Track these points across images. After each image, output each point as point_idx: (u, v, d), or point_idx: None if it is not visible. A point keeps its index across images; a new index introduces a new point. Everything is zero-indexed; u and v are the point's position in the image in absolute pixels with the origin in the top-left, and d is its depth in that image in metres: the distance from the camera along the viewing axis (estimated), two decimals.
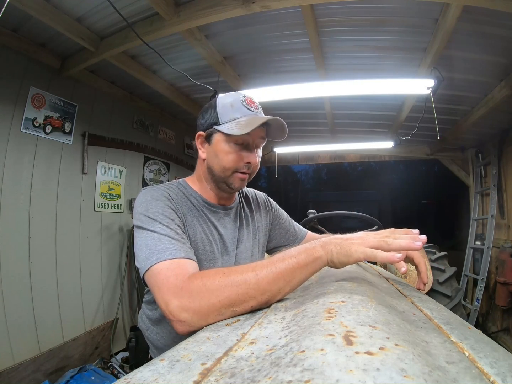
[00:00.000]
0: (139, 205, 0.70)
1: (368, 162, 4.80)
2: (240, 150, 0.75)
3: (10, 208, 1.99)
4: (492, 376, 0.28)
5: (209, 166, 0.78)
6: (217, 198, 0.83)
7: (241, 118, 0.73)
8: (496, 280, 2.90)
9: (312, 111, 3.23)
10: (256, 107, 0.77)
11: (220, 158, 0.75)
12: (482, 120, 2.69)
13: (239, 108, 0.74)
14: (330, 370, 0.24)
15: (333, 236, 0.55)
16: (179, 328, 0.52)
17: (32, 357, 2.01)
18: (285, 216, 1.04)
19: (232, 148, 0.74)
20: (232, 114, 0.73)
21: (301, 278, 0.53)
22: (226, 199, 0.85)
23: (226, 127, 0.73)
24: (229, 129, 0.72)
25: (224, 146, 0.74)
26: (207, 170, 0.79)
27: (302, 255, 0.52)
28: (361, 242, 0.51)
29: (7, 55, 1.97)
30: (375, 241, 0.51)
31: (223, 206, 0.84)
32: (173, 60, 2.15)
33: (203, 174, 0.81)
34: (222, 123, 0.73)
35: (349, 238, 0.53)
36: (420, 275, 0.74)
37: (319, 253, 0.52)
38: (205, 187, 0.82)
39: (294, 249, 0.54)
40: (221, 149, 0.74)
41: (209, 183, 0.81)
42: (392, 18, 1.78)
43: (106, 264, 2.73)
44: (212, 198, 0.82)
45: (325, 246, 0.53)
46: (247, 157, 0.75)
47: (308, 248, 0.53)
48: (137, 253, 0.63)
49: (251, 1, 1.58)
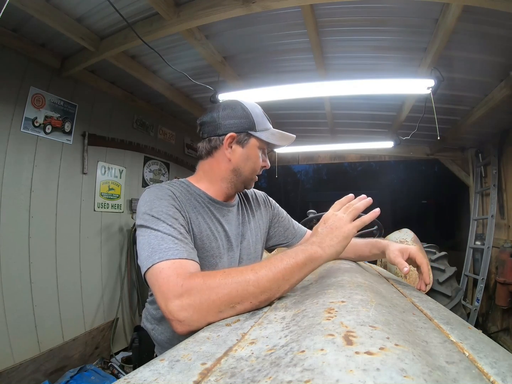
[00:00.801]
0: (143, 204, 0.69)
1: (368, 162, 4.80)
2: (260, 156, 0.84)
3: (10, 208, 1.99)
4: (492, 376, 0.28)
5: (237, 168, 0.81)
6: (225, 197, 0.84)
7: (270, 129, 0.84)
8: (496, 280, 2.90)
9: (312, 111, 3.23)
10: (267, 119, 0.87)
11: (253, 161, 0.82)
12: (482, 120, 2.69)
13: (266, 120, 0.84)
14: (330, 370, 0.24)
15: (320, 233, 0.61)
16: (178, 328, 0.52)
17: (32, 357, 2.01)
18: (284, 214, 1.04)
19: (259, 154, 0.83)
20: (265, 124, 0.83)
21: (300, 277, 0.56)
22: (231, 197, 0.87)
23: (264, 135, 0.81)
24: (268, 138, 0.81)
25: (257, 151, 0.82)
26: (233, 171, 0.81)
27: (300, 255, 0.56)
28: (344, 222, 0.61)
29: (7, 55, 1.96)
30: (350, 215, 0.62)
31: (226, 203, 0.85)
32: (173, 60, 2.15)
33: (222, 174, 0.81)
34: (259, 130, 0.80)
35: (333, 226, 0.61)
36: (423, 276, 0.75)
37: (317, 252, 0.57)
38: (213, 185, 0.82)
39: (291, 250, 0.57)
40: (255, 154, 0.82)
41: (227, 182, 0.82)
42: (392, 18, 1.78)
43: (106, 264, 2.73)
44: (219, 196, 0.83)
45: (322, 244, 0.58)
46: (264, 162, 0.85)
47: (305, 249, 0.57)
48: (139, 252, 0.63)
49: (251, 1, 1.58)
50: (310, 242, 0.59)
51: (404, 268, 0.70)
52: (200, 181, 0.83)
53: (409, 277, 1.78)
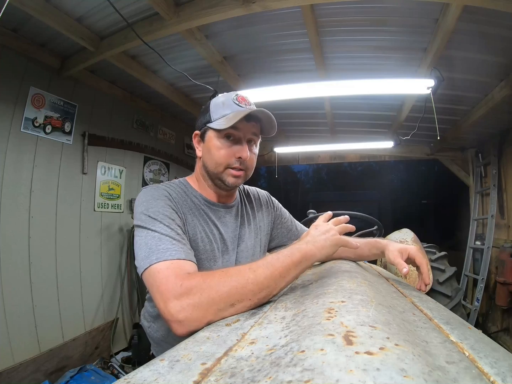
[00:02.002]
0: (140, 204, 0.69)
1: (368, 162, 4.80)
2: (231, 146, 0.76)
3: (10, 208, 1.99)
4: (492, 376, 0.28)
5: (204, 163, 0.80)
6: (217, 196, 0.83)
7: (230, 114, 0.75)
8: (496, 280, 2.90)
9: (312, 111, 3.23)
10: (248, 104, 0.78)
11: (212, 153, 0.77)
12: (482, 120, 2.68)
13: (229, 105, 0.76)
14: (330, 370, 0.24)
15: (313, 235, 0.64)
16: (178, 329, 0.52)
17: (32, 357, 2.01)
18: (287, 215, 1.03)
19: (223, 144, 0.76)
20: (223, 111, 0.76)
21: (296, 274, 0.58)
22: (226, 197, 0.85)
23: (216, 123, 0.75)
24: (218, 125, 0.75)
25: (216, 142, 0.76)
26: (203, 168, 0.81)
27: (295, 253, 0.58)
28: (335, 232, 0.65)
29: (7, 55, 1.96)
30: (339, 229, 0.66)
31: (223, 204, 0.84)
32: (173, 60, 2.15)
33: (200, 172, 0.83)
34: (213, 120, 0.76)
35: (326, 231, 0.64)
36: (422, 276, 0.75)
37: (311, 250, 0.60)
38: (204, 185, 0.83)
39: (286, 249, 0.60)
40: (213, 145, 0.76)
41: (206, 180, 0.82)
42: (392, 18, 1.78)
43: (106, 264, 2.73)
44: (212, 196, 0.82)
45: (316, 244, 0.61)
46: (238, 151, 0.76)
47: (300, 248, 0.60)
48: (137, 252, 0.63)
49: (251, 1, 1.58)
50: (304, 241, 0.62)
51: (403, 268, 0.70)
52: (195, 181, 0.84)
53: (409, 277, 1.78)
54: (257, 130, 0.79)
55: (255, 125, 0.78)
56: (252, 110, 0.74)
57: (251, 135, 0.78)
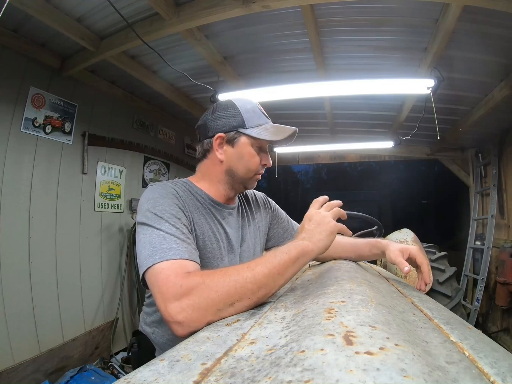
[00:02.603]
0: (146, 201, 0.68)
1: (368, 162, 4.80)
2: (259, 154, 0.80)
3: (10, 208, 1.99)
4: (492, 376, 0.28)
5: (230, 168, 0.79)
6: (225, 198, 0.83)
7: (265, 125, 0.78)
8: (496, 280, 2.90)
9: (312, 111, 3.23)
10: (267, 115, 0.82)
11: (247, 160, 0.78)
12: (482, 120, 2.68)
13: (260, 115, 0.79)
14: (330, 370, 0.24)
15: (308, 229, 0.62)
16: (178, 330, 0.51)
17: (32, 357, 2.00)
18: (283, 215, 1.04)
19: (256, 152, 0.79)
20: (257, 120, 0.78)
21: (294, 271, 0.58)
22: (232, 199, 0.85)
23: (255, 132, 0.76)
24: (259, 134, 0.76)
25: (250, 149, 0.78)
26: (226, 172, 0.79)
27: (292, 250, 0.57)
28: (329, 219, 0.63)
29: (7, 55, 1.96)
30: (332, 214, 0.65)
31: (228, 205, 0.84)
32: (173, 60, 2.15)
33: (218, 175, 0.81)
34: (249, 127, 0.77)
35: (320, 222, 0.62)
36: (423, 276, 0.75)
37: (308, 246, 0.59)
38: (212, 187, 0.81)
39: (283, 247, 0.59)
40: (248, 152, 0.78)
41: (223, 184, 0.81)
42: (392, 18, 1.78)
43: (106, 264, 2.73)
44: (218, 197, 0.82)
45: (312, 239, 0.60)
46: (264, 159, 0.81)
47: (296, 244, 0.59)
48: (140, 250, 0.62)
49: (251, 1, 1.58)
50: (300, 238, 0.61)
51: (405, 267, 0.70)
52: (200, 181, 0.82)
53: (409, 277, 1.78)
54: None
55: None
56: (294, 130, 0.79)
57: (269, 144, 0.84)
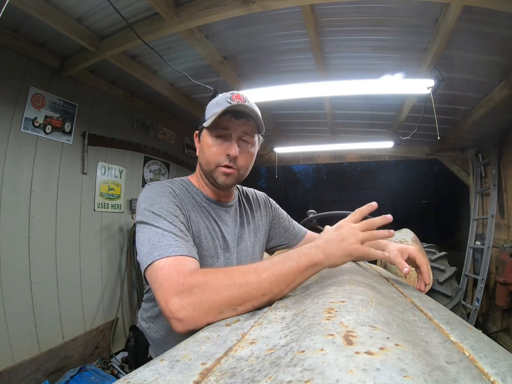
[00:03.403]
0: (144, 200, 0.69)
1: (368, 162, 4.81)
2: (221, 144, 0.76)
3: (10, 208, 1.99)
4: (492, 376, 0.28)
5: (199, 161, 0.83)
6: (216, 195, 0.84)
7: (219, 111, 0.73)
8: (496, 280, 2.90)
9: (312, 111, 3.23)
10: (242, 101, 0.74)
11: (205, 152, 0.78)
12: (482, 120, 2.68)
13: (222, 104, 0.73)
14: (330, 370, 0.24)
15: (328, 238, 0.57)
16: (177, 326, 0.51)
17: (32, 357, 2.01)
18: (284, 215, 1.04)
19: (214, 142, 0.76)
20: (215, 110, 0.74)
21: (301, 281, 0.55)
22: (224, 196, 0.85)
23: (207, 122, 0.76)
24: (207, 122, 0.75)
25: (208, 140, 0.77)
26: (199, 166, 0.83)
27: (302, 259, 0.54)
28: (356, 239, 0.57)
29: (7, 55, 1.96)
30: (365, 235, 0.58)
31: (223, 203, 0.85)
32: (173, 60, 2.15)
33: (197, 171, 0.85)
34: (207, 118, 0.77)
35: (344, 238, 0.57)
36: (423, 276, 0.75)
37: (319, 258, 0.55)
38: (203, 183, 0.84)
39: (294, 253, 0.56)
40: (206, 143, 0.77)
41: (203, 178, 0.83)
42: (392, 18, 1.78)
43: (106, 264, 2.73)
44: (211, 194, 0.83)
45: (326, 251, 0.55)
46: (226, 149, 0.75)
47: (308, 253, 0.55)
48: (139, 248, 0.62)
49: (251, 1, 1.58)
50: (315, 245, 0.57)
51: (404, 268, 0.70)
52: (195, 179, 0.85)
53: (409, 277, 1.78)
54: (248, 128, 0.77)
55: (246, 122, 0.76)
56: (233, 105, 0.72)
57: (241, 133, 0.76)
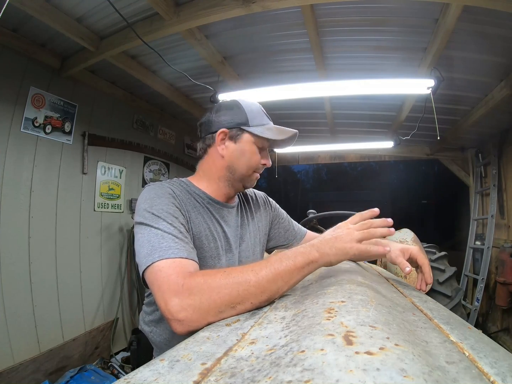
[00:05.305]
0: (143, 201, 0.69)
1: (368, 162, 4.80)
2: (259, 153, 0.81)
3: (10, 208, 1.99)
4: (492, 376, 0.28)
5: (231, 164, 0.80)
6: (225, 197, 0.83)
7: (267, 125, 0.81)
8: (496, 280, 2.90)
9: (312, 111, 3.23)
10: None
11: (248, 157, 0.79)
12: (482, 120, 2.68)
13: (263, 115, 0.82)
14: (330, 370, 0.24)
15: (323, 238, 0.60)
16: (177, 328, 0.51)
17: (32, 357, 2.01)
18: (284, 215, 1.04)
19: (256, 150, 0.80)
20: (261, 120, 0.80)
21: (298, 279, 0.56)
22: (232, 198, 0.86)
23: (258, 130, 0.78)
24: (262, 133, 0.78)
25: (252, 147, 0.79)
26: (227, 168, 0.80)
27: (298, 257, 0.56)
28: (351, 238, 0.58)
29: (7, 55, 1.96)
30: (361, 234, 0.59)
31: (227, 204, 0.84)
32: (173, 60, 2.15)
33: (218, 172, 0.81)
34: (252, 125, 0.78)
35: (338, 237, 0.59)
36: (424, 276, 0.74)
37: (314, 256, 0.57)
38: (212, 185, 0.82)
39: (290, 252, 0.57)
40: (250, 149, 0.79)
41: (223, 181, 0.81)
42: (392, 18, 1.78)
43: (106, 264, 2.73)
44: (218, 195, 0.82)
45: (320, 250, 0.57)
46: (265, 159, 0.83)
47: (303, 252, 0.57)
48: (138, 250, 0.62)
49: (251, 1, 1.58)
50: (310, 244, 0.59)
51: (406, 268, 0.70)
52: (200, 180, 0.82)
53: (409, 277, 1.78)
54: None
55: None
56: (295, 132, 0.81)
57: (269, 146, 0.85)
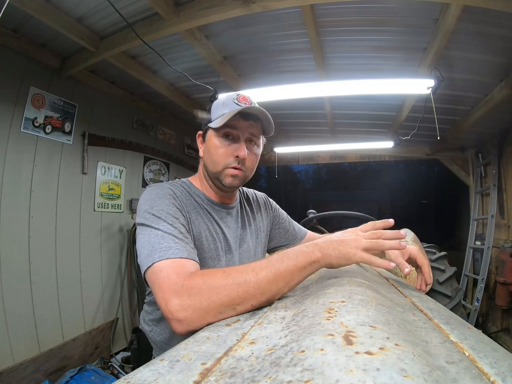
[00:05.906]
0: (144, 202, 0.69)
1: (368, 162, 4.80)
2: (229, 145, 0.76)
3: (10, 208, 1.99)
4: (492, 376, 0.28)
5: (204, 163, 0.81)
6: (219, 197, 0.83)
7: (228, 113, 0.73)
8: (496, 280, 2.90)
9: (312, 111, 3.23)
10: (249, 103, 0.76)
11: (212, 153, 0.77)
12: (482, 120, 2.68)
13: (229, 104, 0.75)
14: (330, 370, 0.24)
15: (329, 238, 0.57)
16: (177, 327, 0.52)
17: (32, 357, 2.01)
18: (285, 216, 1.04)
19: (222, 143, 0.76)
20: (222, 111, 0.75)
21: (299, 280, 0.55)
22: (227, 197, 0.85)
23: (214, 122, 0.75)
24: (216, 123, 0.75)
25: (215, 141, 0.76)
26: (204, 167, 0.82)
27: (300, 257, 0.54)
28: (357, 245, 0.54)
29: (7, 55, 1.96)
30: (369, 244, 0.55)
31: (225, 204, 0.85)
32: (173, 60, 2.15)
33: (201, 173, 0.84)
34: (213, 120, 0.77)
35: (344, 241, 0.55)
36: (424, 276, 0.74)
37: (317, 256, 0.54)
38: (206, 185, 0.83)
39: (292, 251, 0.55)
40: (212, 144, 0.77)
41: (208, 180, 0.82)
42: (392, 18, 1.78)
43: (106, 264, 2.73)
44: (214, 196, 0.83)
45: (323, 250, 0.54)
46: (235, 150, 0.75)
47: (306, 252, 0.54)
48: (139, 250, 0.63)
49: (251, 1, 1.58)
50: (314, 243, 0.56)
51: (405, 268, 0.69)
52: (197, 181, 0.85)
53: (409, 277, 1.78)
54: (256, 130, 0.78)
55: (254, 124, 0.77)
56: (245, 107, 0.72)
57: (249, 134, 0.77)
